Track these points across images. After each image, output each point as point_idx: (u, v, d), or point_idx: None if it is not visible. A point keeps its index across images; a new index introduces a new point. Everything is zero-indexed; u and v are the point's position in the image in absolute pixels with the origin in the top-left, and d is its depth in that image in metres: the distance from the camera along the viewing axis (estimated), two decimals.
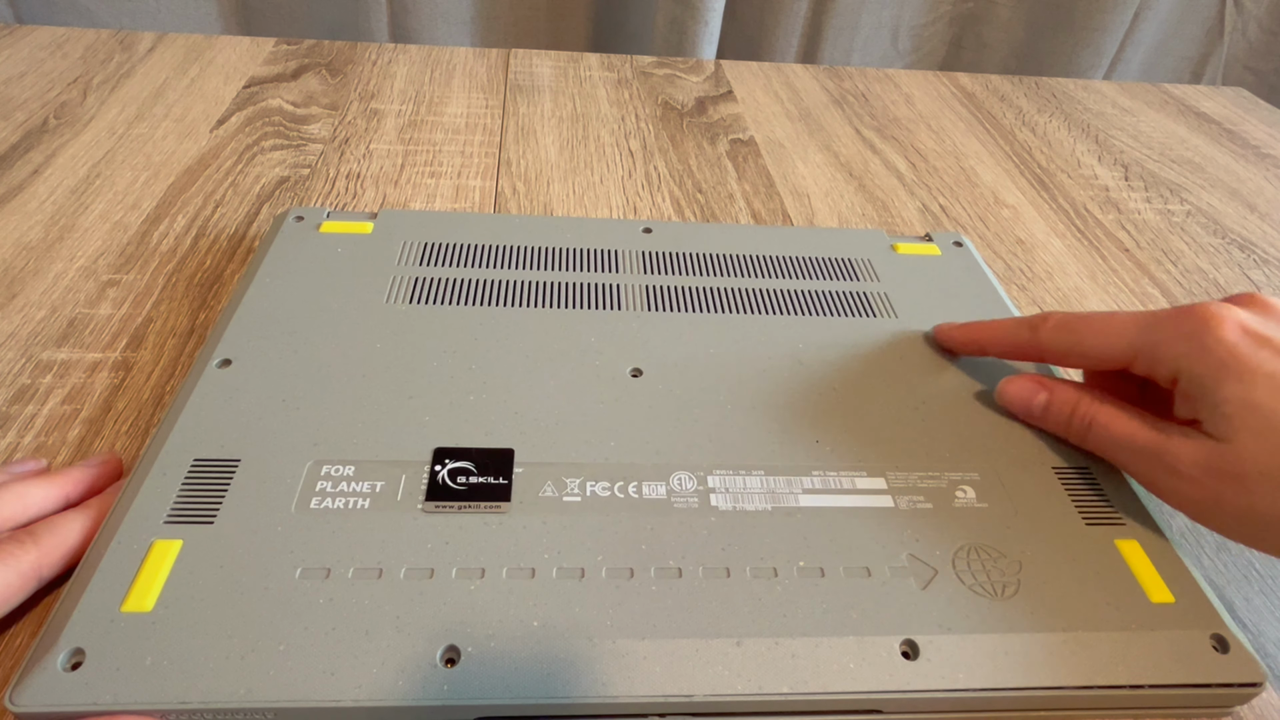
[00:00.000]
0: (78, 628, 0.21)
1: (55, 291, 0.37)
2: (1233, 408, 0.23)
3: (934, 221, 0.49)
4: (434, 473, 0.26)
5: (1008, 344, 0.30)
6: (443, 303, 0.33)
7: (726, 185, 0.51)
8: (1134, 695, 0.23)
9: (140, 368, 0.33)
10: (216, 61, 0.59)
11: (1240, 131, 0.65)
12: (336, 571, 0.23)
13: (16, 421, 0.31)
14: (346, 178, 0.48)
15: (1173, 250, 0.49)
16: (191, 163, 0.47)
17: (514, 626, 0.22)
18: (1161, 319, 0.26)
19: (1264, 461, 0.22)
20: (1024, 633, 0.23)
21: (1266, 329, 0.24)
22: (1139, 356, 0.26)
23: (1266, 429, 0.22)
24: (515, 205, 0.47)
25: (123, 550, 0.23)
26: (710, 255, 0.38)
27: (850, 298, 0.36)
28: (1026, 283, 0.45)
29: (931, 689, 0.22)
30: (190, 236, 0.41)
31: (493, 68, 0.63)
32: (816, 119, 0.60)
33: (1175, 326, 0.25)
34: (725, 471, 0.27)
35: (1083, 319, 0.28)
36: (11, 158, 0.46)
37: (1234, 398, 0.23)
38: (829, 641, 0.23)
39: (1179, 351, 0.25)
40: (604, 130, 0.56)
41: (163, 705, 0.20)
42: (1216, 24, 1.02)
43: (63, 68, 0.56)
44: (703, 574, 0.24)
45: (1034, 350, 0.30)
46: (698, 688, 0.22)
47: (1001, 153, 0.58)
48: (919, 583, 0.24)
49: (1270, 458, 0.22)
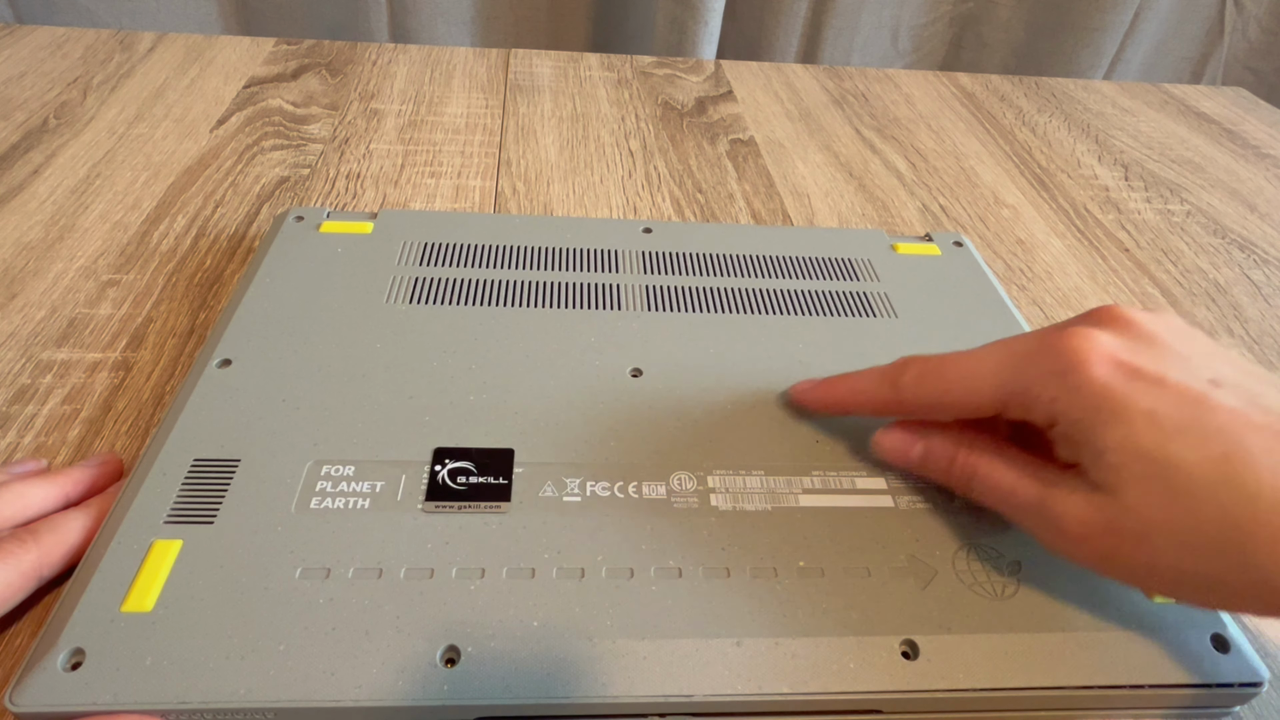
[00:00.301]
0: (78, 628, 0.21)
1: (55, 291, 0.37)
2: (1116, 455, 0.21)
3: (934, 221, 0.49)
4: (434, 473, 0.26)
5: (869, 402, 0.27)
6: (443, 303, 0.33)
7: (726, 185, 0.51)
8: (1134, 695, 0.23)
9: (140, 368, 0.33)
10: (216, 61, 0.59)
11: (1240, 131, 0.65)
12: (336, 571, 0.23)
13: (16, 421, 0.31)
14: (346, 178, 0.48)
15: (1173, 250, 0.49)
16: (191, 163, 0.47)
17: (514, 626, 0.22)
18: (1025, 357, 0.23)
19: (1155, 514, 0.20)
20: (1024, 633, 0.23)
21: (1136, 357, 0.22)
22: (1009, 403, 0.23)
23: (1153, 475, 0.20)
24: (515, 205, 0.47)
25: (123, 550, 0.23)
26: (710, 255, 0.38)
27: (850, 298, 0.36)
28: (1026, 283, 0.45)
29: (931, 689, 0.22)
30: (190, 236, 0.41)
31: (493, 68, 0.63)
32: (816, 119, 0.60)
33: (1041, 365, 0.23)
34: (725, 471, 0.27)
35: (944, 364, 0.25)
36: (11, 158, 0.46)
37: (1116, 443, 0.21)
38: (829, 641, 0.23)
39: (1050, 395, 0.22)
40: (604, 130, 0.56)
41: (163, 705, 0.20)
42: (1216, 24, 1.02)
43: (63, 68, 0.56)
44: (703, 574, 0.24)
45: (898, 406, 0.26)
46: (698, 688, 0.22)
47: (1001, 153, 0.59)
48: (919, 583, 0.24)
49: (1161, 509, 0.20)
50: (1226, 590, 0.20)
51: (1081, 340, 0.22)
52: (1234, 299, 0.45)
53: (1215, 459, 0.20)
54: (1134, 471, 0.20)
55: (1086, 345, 0.22)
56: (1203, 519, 0.20)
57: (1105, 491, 0.21)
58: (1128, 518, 0.21)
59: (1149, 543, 0.20)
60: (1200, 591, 0.21)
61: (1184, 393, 0.21)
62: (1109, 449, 0.21)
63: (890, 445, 0.27)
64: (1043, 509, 0.22)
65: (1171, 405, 0.21)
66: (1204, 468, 0.20)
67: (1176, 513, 0.20)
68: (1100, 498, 0.21)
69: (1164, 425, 0.20)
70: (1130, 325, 0.23)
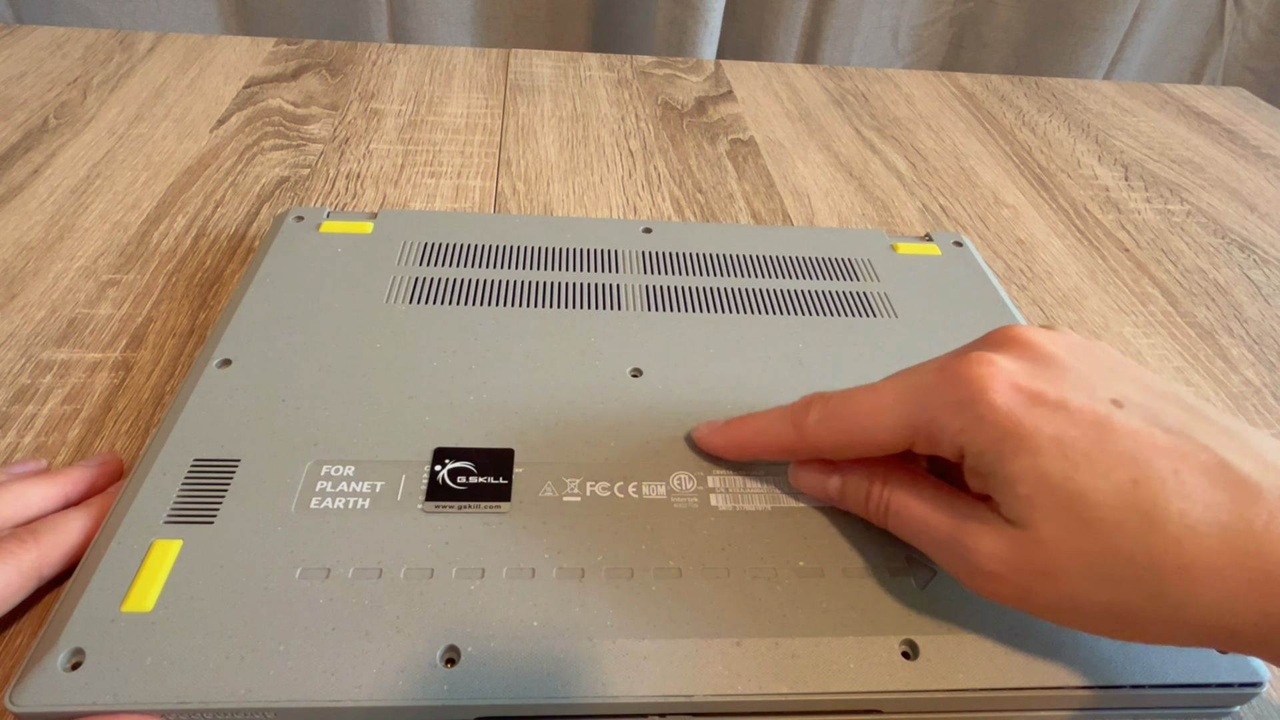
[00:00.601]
0: (78, 627, 0.21)
1: (55, 291, 0.37)
2: (1025, 486, 0.20)
3: (934, 221, 0.49)
4: (434, 473, 0.26)
5: (774, 444, 0.26)
6: (443, 303, 0.33)
7: (726, 185, 0.51)
8: (1134, 695, 0.23)
9: (140, 368, 0.33)
10: (216, 61, 0.59)
11: (1240, 131, 0.65)
12: (336, 571, 0.23)
13: (16, 421, 0.31)
14: (346, 178, 0.48)
15: (1173, 250, 0.49)
16: (191, 163, 0.47)
17: (514, 626, 0.22)
18: (926, 389, 0.22)
19: (1067, 547, 0.19)
20: (1024, 633, 0.23)
21: (1035, 381, 0.21)
22: (916, 437, 0.22)
23: (1063, 506, 0.19)
24: (515, 205, 0.47)
25: (123, 550, 0.23)
26: (710, 255, 0.38)
27: (850, 298, 0.36)
28: (1026, 283, 0.45)
29: (931, 689, 0.22)
30: (190, 236, 0.41)
31: (493, 68, 0.63)
32: (816, 119, 0.60)
33: (943, 396, 0.22)
34: (725, 471, 0.27)
35: (846, 402, 0.24)
36: (11, 158, 0.46)
37: (1024, 474, 0.20)
38: (829, 641, 0.23)
39: (955, 427, 0.21)
40: (604, 130, 0.56)
41: (163, 705, 0.20)
42: (1216, 24, 1.02)
43: (63, 68, 0.56)
44: (703, 574, 0.24)
45: (804, 448, 0.25)
46: (698, 688, 0.22)
47: (1001, 153, 0.59)
48: (919, 583, 0.24)
49: (1073, 542, 0.19)
50: (1143, 622, 0.20)
51: (981, 367, 0.21)
52: (1234, 299, 0.45)
53: (1123, 486, 0.19)
54: (1044, 503, 0.20)
55: (986, 372, 0.21)
56: (1114, 549, 0.19)
57: (1017, 525, 0.20)
58: (1041, 552, 0.20)
59: (1064, 577, 0.20)
60: (1117, 625, 0.20)
61: (1087, 417, 0.20)
62: (1018, 480, 0.20)
63: (807, 482, 0.26)
64: (956, 545, 0.22)
65: (1076, 431, 0.20)
66: (1112, 496, 0.19)
67: (1088, 544, 0.19)
68: (1013, 531, 0.20)
69: (1070, 453, 0.20)
70: (1028, 347, 0.22)
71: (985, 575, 0.21)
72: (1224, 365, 0.40)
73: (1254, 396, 0.39)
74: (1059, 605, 0.20)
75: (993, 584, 0.21)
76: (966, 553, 0.21)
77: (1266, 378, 0.40)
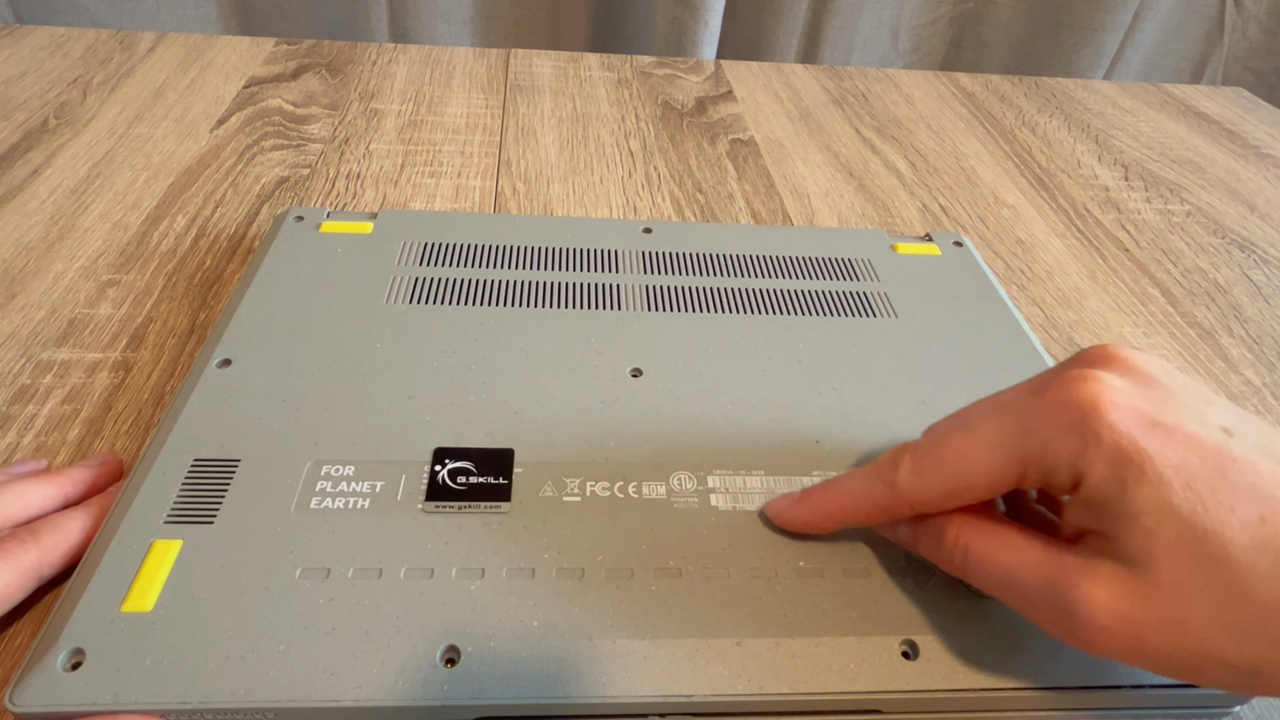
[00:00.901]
0: (78, 627, 0.21)
1: (55, 291, 0.37)
2: (1149, 519, 0.18)
3: (934, 221, 0.49)
4: (434, 473, 0.26)
5: (868, 509, 0.23)
6: (443, 303, 0.33)
7: (726, 185, 0.51)
8: (1134, 695, 0.23)
9: (140, 368, 0.33)
10: (216, 61, 0.59)
11: (1240, 131, 0.65)
12: (336, 571, 0.23)
13: (16, 421, 0.31)
14: (346, 178, 0.48)
15: (1173, 250, 0.49)
16: (191, 163, 0.47)
17: (514, 626, 0.22)
18: (1029, 415, 0.20)
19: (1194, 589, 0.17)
20: (1024, 633, 0.23)
21: (1147, 403, 0.19)
22: (1026, 470, 0.20)
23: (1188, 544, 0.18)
24: (515, 205, 0.47)
25: (123, 550, 0.23)
26: (710, 255, 0.38)
27: (850, 298, 0.36)
28: (1026, 283, 0.45)
29: (931, 689, 0.22)
30: (190, 236, 0.41)
31: (493, 68, 0.63)
32: (816, 119, 0.60)
33: (1052, 421, 0.20)
34: (725, 471, 0.27)
35: (938, 446, 0.22)
36: (11, 158, 0.46)
37: (1147, 505, 0.18)
38: (829, 641, 0.23)
39: (1071, 452, 0.19)
40: (604, 130, 0.56)
41: (163, 705, 0.20)
42: (1216, 24, 1.02)
43: (63, 68, 0.56)
44: (703, 574, 0.24)
45: (903, 506, 0.22)
46: (698, 688, 0.22)
47: (1001, 153, 0.59)
48: (919, 583, 0.24)
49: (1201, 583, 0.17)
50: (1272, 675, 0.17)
51: (1090, 384, 0.19)
52: (1234, 299, 0.45)
53: (1251, 523, 0.17)
54: (1168, 539, 0.18)
55: (1097, 389, 0.19)
56: (1247, 596, 0.17)
57: (1135, 566, 0.18)
58: (1161, 598, 0.18)
59: (1188, 629, 0.18)
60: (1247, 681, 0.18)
61: (1205, 445, 0.18)
62: (1142, 512, 0.18)
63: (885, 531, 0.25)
64: (1056, 593, 0.19)
65: (1196, 460, 0.18)
66: (1241, 534, 0.17)
67: (1218, 589, 0.17)
68: (1128, 575, 0.18)
69: (1194, 485, 0.18)
70: (1130, 367, 0.20)
71: (1093, 628, 0.19)
72: (1224, 365, 0.40)
73: (1254, 396, 0.39)
74: (1179, 659, 0.18)
75: (1100, 636, 0.19)
76: (1071, 603, 0.19)
77: (1266, 378, 0.40)
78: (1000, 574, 0.21)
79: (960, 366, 0.33)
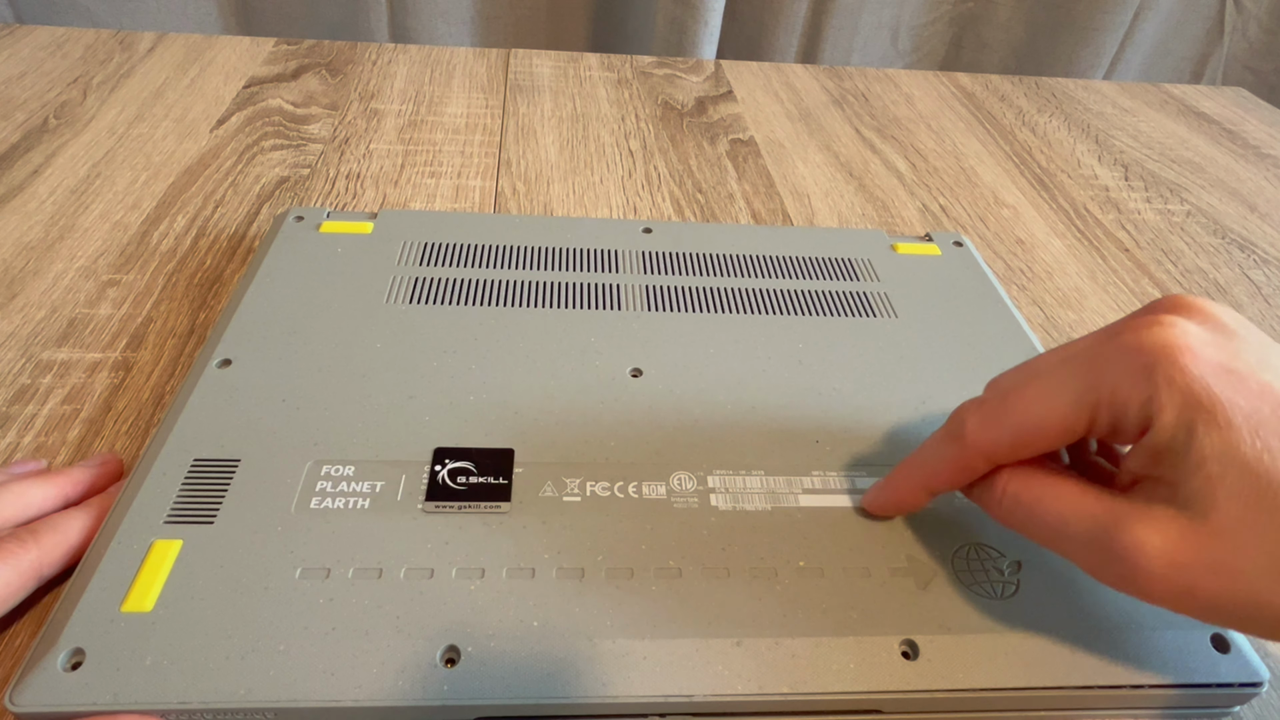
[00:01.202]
0: (78, 628, 0.21)
1: (55, 291, 0.37)
2: (1215, 464, 0.18)
3: (934, 221, 0.49)
4: (434, 473, 0.26)
5: (945, 470, 0.24)
6: (443, 303, 0.33)
7: (726, 185, 0.51)
8: (1134, 695, 0.23)
9: (140, 368, 0.33)
10: (216, 61, 0.59)
11: (1240, 131, 0.65)
12: (336, 571, 0.23)
13: (16, 421, 0.31)
14: (346, 178, 0.48)
15: (1173, 250, 0.49)
16: (191, 163, 0.47)
17: (514, 626, 0.22)
18: (1098, 361, 0.20)
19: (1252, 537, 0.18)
20: (1024, 633, 0.23)
21: (1221, 351, 0.19)
22: (1098, 415, 0.20)
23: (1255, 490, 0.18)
24: (515, 205, 0.47)
25: (123, 550, 0.23)
26: (710, 255, 0.38)
27: (850, 298, 0.36)
28: (1026, 283, 0.45)
29: (931, 689, 0.22)
30: (190, 236, 0.41)
31: (493, 68, 0.63)
32: (816, 119, 0.60)
33: (1123, 364, 0.20)
34: (725, 471, 0.27)
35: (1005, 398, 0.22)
36: (11, 158, 0.46)
37: (1214, 451, 0.18)
38: (829, 641, 0.23)
39: (1142, 396, 0.19)
40: (604, 130, 0.56)
41: (163, 705, 0.20)
42: (1216, 24, 1.02)
43: (63, 68, 0.56)
44: (703, 574, 0.24)
45: (977, 458, 0.23)
46: (698, 688, 0.22)
47: (1001, 153, 0.58)
48: (919, 583, 0.24)
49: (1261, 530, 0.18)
50: None
51: (1164, 329, 0.19)
52: (1234, 299, 0.45)
53: None
54: (1232, 486, 0.18)
55: (1171, 334, 0.19)
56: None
57: (1193, 511, 0.18)
58: (1217, 544, 0.18)
59: (1242, 575, 0.18)
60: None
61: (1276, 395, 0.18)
62: (1208, 458, 0.18)
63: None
64: (1109, 539, 0.19)
65: (1268, 409, 0.18)
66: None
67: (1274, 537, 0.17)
68: (1185, 520, 0.18)
69: (1263, 433, 0.18)
70: (1205, 315, 0.20)
71: (1145, 573, 0.19)
72: None
73: None
74: (1229, 606, 0.18)
75: (1154, 583, 0.19)
76: (1123, 547, 0.19)
77: None
78: (1051, 520, 0.21)
79: (960, 366, 0.33)
